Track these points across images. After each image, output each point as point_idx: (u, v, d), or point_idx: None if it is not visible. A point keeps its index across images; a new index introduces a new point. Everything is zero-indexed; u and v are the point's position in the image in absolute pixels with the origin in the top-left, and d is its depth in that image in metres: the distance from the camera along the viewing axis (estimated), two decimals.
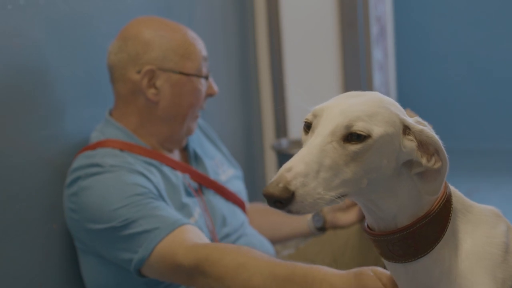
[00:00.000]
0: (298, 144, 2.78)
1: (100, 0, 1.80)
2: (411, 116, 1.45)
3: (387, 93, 3.26)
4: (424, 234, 0.97)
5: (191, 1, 2.34)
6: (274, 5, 2.88)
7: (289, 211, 0.87)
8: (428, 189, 0.96)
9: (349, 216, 1.73)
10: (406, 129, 0.95)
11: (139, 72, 1.56)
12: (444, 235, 0.97)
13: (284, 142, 2.84)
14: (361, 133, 0.90)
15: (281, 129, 3.01)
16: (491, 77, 4.55)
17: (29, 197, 1.51)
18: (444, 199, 0.98)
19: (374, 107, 0.93)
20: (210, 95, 1.68)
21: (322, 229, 1.81)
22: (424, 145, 0.94)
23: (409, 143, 0.94)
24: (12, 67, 1.49)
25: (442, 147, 0.94)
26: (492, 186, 3.72)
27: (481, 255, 0.98)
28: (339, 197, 0.90)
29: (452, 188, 1.02)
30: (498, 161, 4.34)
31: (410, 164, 0.96)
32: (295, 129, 2.98)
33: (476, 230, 1.00)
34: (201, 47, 1.63)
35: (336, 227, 1.78)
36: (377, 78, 3.04)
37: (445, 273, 0.98)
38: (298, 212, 0.87)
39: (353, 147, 0.90)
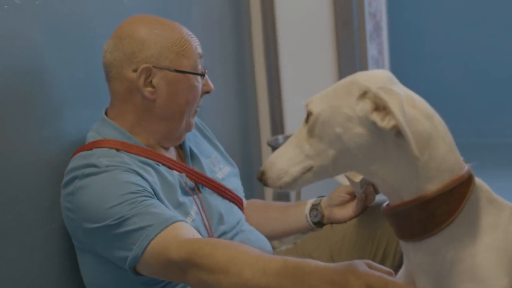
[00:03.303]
0: None
1: (98, 1, 1.80)
2: None
3: None
4: (432, 212, 0.98)
5: (188, 1, 2.34)
6: (269, 3, 2.89)
7: (266, 185, 1.11)
8: (411, 154, 0.96)
9: (346, 212, 1.73)
10: (366, 94, 1.00)
11: (135, 70, 1.56)
12: (455, 218, 0.99)
13: (280, 139, 2.84)
14: (308, 112, 1.06)
15: (277, 126, 3.02)
16: (487, 75, 4.57)
17: (28, 198, 1.52)
18: (459, 181, 1.00)
19: (335, 85, 1.06)
20: (206, 92, 1.68)
21: (319, 224, 1.81)
22: (382, 108, 0.98)
23: (364, 106, 0.99)
24: (9, 68, 1.49)
25: (392, 105, 0.95)
26: (490, 180, 3.74)
27: (501, 251, 0.99)
28: (305, 173, 1.07)
29: (480, 181, 1.05)
30: (496, 155, 4.35)
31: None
32: (291, 126, 2.98)
33: (497, 225, 1.01)
34: (196, 44, 1.64)
35: (333, 222, 1.78)
36: None
37: (459, 260, 0.99)
38: (273, 185, 1.09)
39: (306, 125, 1.06)
